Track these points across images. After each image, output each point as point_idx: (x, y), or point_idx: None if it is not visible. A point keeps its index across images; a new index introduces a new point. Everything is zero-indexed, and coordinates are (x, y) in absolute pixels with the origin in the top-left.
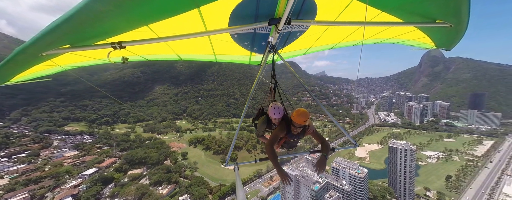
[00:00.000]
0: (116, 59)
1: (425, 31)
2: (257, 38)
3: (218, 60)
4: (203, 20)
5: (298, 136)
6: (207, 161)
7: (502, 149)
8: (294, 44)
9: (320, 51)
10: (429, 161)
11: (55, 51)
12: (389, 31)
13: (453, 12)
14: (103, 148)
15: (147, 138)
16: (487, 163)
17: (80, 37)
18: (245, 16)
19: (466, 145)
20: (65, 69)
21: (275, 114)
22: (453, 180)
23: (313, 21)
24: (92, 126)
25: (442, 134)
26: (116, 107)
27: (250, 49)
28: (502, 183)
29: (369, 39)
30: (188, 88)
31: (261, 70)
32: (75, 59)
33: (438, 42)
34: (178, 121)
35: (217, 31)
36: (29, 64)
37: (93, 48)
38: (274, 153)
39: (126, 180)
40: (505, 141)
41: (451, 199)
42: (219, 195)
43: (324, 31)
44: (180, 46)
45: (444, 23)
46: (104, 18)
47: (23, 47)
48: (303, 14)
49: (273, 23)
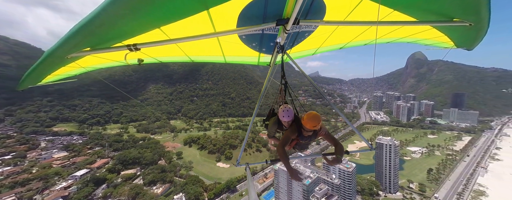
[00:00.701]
0: (133, 61)
1: (442, 30)
2: (265, 39)
3: (227, 62)
4: (212, 22)
5: (310, 138)
6: (202, 160)
7: (478, 144)
8: (303, 44)
9: (329, 51)
10: (414, 156)
11: (78, 54)
12: (402, 30)
13: (472, 10)
14: (94, 149)
15: (141, 138)
16: (464, 157)
17: (99, 39)
18: (253, 17)
19: (447, 141)
20: (88, 70)
21: (284, 117)
22: (433, 173)
23: (321, 21)
24: (82, 126)
25: (427, 131)
26: (108, 106)
27: (259, 50)
28: (476, 175)
29: (381, 39)
30: (182, 88)
31: (270, 71)
32: (96, 61)
33: (458, 41)
34: (173, 121)
35: (226, 32)
36: (57, 66)
37: (111, 50)
38: (286, 154)
39: (119, 180)
40: (481, 137)
41: (431, 190)
42: (214, 193)
43: (333, 31)
44: (190, 48)
45: (463, 22)
46: (119, 21)
47: (52, 50)
48: (312, 14)
49: (281, 23)
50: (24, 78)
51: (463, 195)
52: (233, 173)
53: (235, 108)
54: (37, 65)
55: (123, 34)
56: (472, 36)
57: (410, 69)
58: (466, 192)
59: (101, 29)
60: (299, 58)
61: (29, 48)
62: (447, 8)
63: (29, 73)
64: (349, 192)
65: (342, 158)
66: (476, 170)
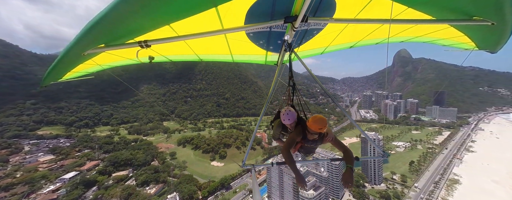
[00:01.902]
0: (144, 58)
1: (461, 29)
2: (272, 37)
3: (235, 60)
4: (220, 19)
5: (315, 143)
6: (196, 159)
7: (456, 138)
8: (311, 42)
9: (338, 50)
10: (398, 150)
11: (93, 51)
12: (417, 29)
13: (494, 8)
14: (83, 151)
15: (133, 139)
16: (442, 150)
17: (111, 36)
18: (261, 14)
19: (429, 135)
20: (104, 68)
21: (285, 120)
22: (415, 165)
23: (331, 19)
24: (69, 129)
25: (411, 127)
26: (97, 108)
27: (266, 48)
28: (452, 165)
29: (394, 37)
30: (176, 88)
31: (278, 70)
32: (111, 58)
33: (479, 42)
34: (166, 122)
35: (233, 29)
36: (75, 63)
37: (124, 47)
38: (291, 157)
39: (111, 182)
40: (459, 131)
41: (412, 180)
42: (209, 191)
43: (343, 29)
44: (199, 46)
45: (484, 21)
46: (131, 17)
47: (69, 47)
48: (321, 11)
49: (289, 21)
50: (46, 75)
51: (439, 183)
52: (228, 171)
53: (229, 108)
54: (57, 62)
55: (134, 31)
56: (495, 37)
57: (397, 67)
58: (442, 181)
59: (114, 26)
60: (306, 58)
61: (4, 45)
62: (466, 5)
63: (50, 70)
64: (337, 185)
65: (353, 167)
66: (452, 161)
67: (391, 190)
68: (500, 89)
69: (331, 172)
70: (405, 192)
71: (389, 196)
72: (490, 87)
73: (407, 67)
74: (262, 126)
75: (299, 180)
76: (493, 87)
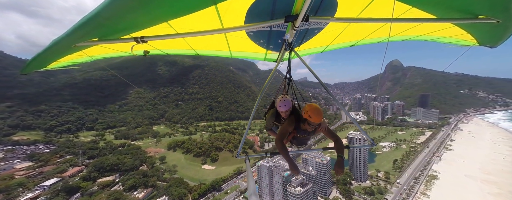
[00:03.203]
0: (138, 52)
1: (465, 28)
2: (273, 36)
3: (233, 57)
4: (220, 18)
5: (309, 133)
6: (187, 163)
7: (437, 138)
8: (312, 41)
9: (339, 48)
10: (384, 150)
11: (85, 43)
12: (420, 28)
13: (501, 6)
14: (65, 157)
15: (120, 144)
16: (424, 149)
17: (107, 31)
18: (262, 13)
19: (412, 135)
20: (93, 59)
21: (281, 107)
22: (398, 163)
23: (332, 18)
24: (49, 134)
25: (397, 128)
26: (81, 112)
27: (266, 47)
28: (432, 162)
29: (396, 36)
30: (167, 92)
31: (276, 67)
32: (102, 50)
33: (482, 39)
34: (155, 127)
35: (233, 29)
36: (63, 54)
37: (119, 42)
38: (284, 147)
39: (96, 188)
40: (440, 131)
41: (394, 177)
42: (199, 193)
43: (345, 28)
44: (197, 42)
45: (489, 19)
46: (128, 14)
47: (59, 38)
48: (322, 10)
49: (290, 20)
50: (29, 62)
51: (419, 179)
52: (219, 174)
53: (222, 111)
54: (43, 52)
55: (131, 27)
56: (499, 34)
57: (388, 73)
58: (422, 177)
59: (110, 21)
60: (306, 55)
61: None
62: (472, 5)
63: (35, 58)
64: (324, 183)
65: (343, 156)
66: (432, 159)
67: (375, 186)
68: (478, 92)
69: (319, 171)
70: (388, 188)
71: (373, 191)
72: (470, 90)
73: (397, 73)
74: (255, 129)
75: (292, 168)
76: (472, 90)
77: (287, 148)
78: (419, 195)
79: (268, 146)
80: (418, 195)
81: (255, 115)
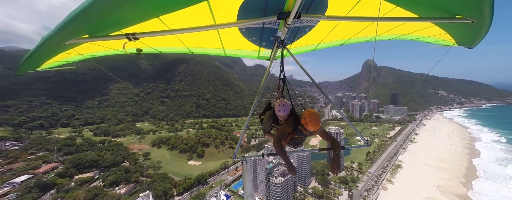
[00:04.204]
0: (131, 50)
1: (444, 28)
2: (265, 33)
3: (227, 55)
4: (212, 13)
5: (305, 134)
6: (172, 159)
7: (404, 132)
8: (303, 39)
9: (330, 46)
10: (359, 144)
11: (76, 41)
12: (404, 27)
13: (475, 6)
14: (37, 154)
15: (100, 141)
16: (393, 142)
17: (96, 27)
18: (254, 10)
19: (384, 130)
20: (86, 57)
21: (280, 111)
22: (370, 155)
23: (323, 16)
24: (18, 131)
25: (372, 124)
26: (55, 108)
27: (259, 44)
28: (398, 154)
29: (383, 35)
30: (151, 88)
31: (270, 65)
32: (95, 48)
33: (459, 39)
34: (139, 123)
35: (226, 25)
36: (55, 52)
37: (110, 39)
38: (283, 148)
39: (73, 184)
40: (407, 126)
41: (366, 167)
42: (184, 187)
43: (335, 27)
44: (190, 39)
45: (465, 19)
46: (117, 8)
47: (49, 35)
48: (313, 8)
49: (282, 17)
50: (22, 63)
51: (386, 168)
52: (205, 169)
53: (210, 109)
54: (34, 51)
55: (121, 22)
56: (474, 34)
57: (364, 73)
58: (389, 167)
59: (99, 16)
60: (299, 54)
61: None
62: (450, 5)
63: (27, 58)
64: (305, 174)
65: (340, 154)
66: (399, 151)
67: (349, 176)
68: (440, 91)
69: (300, 163)
70: (359, 177)
71: (347, 180)
72: (433, 89)
73: (373, 73)
74: (242, 126)
75: (290, 169)
76: (435, 89)
77: (285, 150)
78: (385, 182)
79: (254, 142)
80: (384, 182)
81: (243, 113)
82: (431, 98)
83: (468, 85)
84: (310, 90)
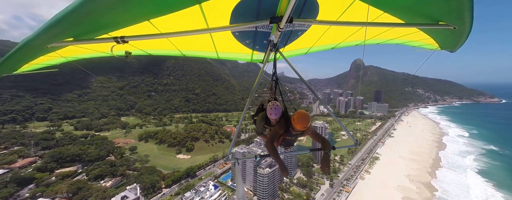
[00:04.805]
0: (119, 52)
1: (428, 33)
2: (258, 37)
3: (220, 58)
4: (204, 17)
5: (297, 135)
6: (160, 153)
7: (384, 127)
8: (296, 43)
9: (322, 50)
10: (343, 138)
11: (59, 44)
12: (391, 32)
13: (456, 13)
14: (11, 148)
15: (82, 135)
16: (373, 136)
17: (83, 30)
18: (247, 14)
19: (366, 125)
20: (69, 60)
21: (272, 114)
22: (352, 148)
23: (314, 21)
24: None
25: (356, 119)
26: (28, 101)
27: (252, 48)
28: (377, 147)
29: (372, 40)
30: (137, 82)
31: (263, 68)
32: (79, 51)
33: (442, 43)
34: (124, 118)
35: (219, 29)
36: (35, 55)
37: (97, 42)
38: (275, 149)
39: (54, 179)
40: (387, 122)
41: (347, 159)
42: (173, 180)
43: (326, 31)
44: (182, 42)
45: (448, 25)
46: (106, 11)
47: (29, 38)
48: (305, 13)
49: (275, 21)
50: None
51: (365, 160)
52: (194, 162)
53: (200, 104)
54: (13, 54)
55: (109, 25)
56: (455, 39)
57: (352, 71)
58: (367, 158)
59: (86, 19)
60: (291, 57)
61: None
62: (433, 11)
63: (4, 61)
64: (290, 165)
65: (329, 154)
66: (378, 144)
67: (332, 167)
68: (418, 90)
69: (286, 156)
70: (341, 168)
71: (330, 173)
72: (413, 88)
73: (360, 71)
74: (233, 121)
75: (282, 170)
76: (414, 88)
77: (278, 151)
78: (364, 172)
79: (244, 136)
80: (363, 172)
81: (233, 108)
82: (410, 96)
83: (443, 84)
84: (300, 86)
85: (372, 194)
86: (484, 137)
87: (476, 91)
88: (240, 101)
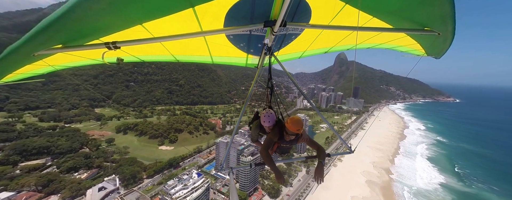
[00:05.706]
0: (111, 59)
1: (414, 38)
2: (253, 40)
3: (214, 62)
4: (198, 20)
5: (291, 142)
6: (141, 145)
7: (358, 121)
8: (289, 47)
9: (315, 54)
10: (322, 130)
11: (47, 51)
12: (381, 37)
13: (440, 19)
14: None
15: (49, 127)
16: (348, 129)
17: (72, 36)
18: (240, 17)
19: (343, 119)
20: (57, 69)
21: (265, 122)
22: (329, 139)
23: (307, 25)
24: None
25: (335, 113)
26: None
27: (247, 51)
28: (350, 138)
29: (362, 44)
30: (114, 70)
31: (258, 72)
32: (68, 59)
33: (428, 49)
34: (99, 109)
35: (213, 32)
36: (21, 64)
37: (87, 48)
38: (270, 157)
39: (18, 172)
40: (361, 116)
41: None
42: (155, 170)
43: (319, 35)
44: (176, 47)
45: (432, 31)
46: (96, 16)
47: (15, 46)
48: (298, 16)
49: (269, 25)
50: None
51: (339, 150)
52: (178, 153)
53: (183, 96)
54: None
55: (100, 30)
56: (440, 45)
57: (336, 66)
58: (340, 148)
59: (75, 25)
60: (285, 61)
61: None
62: (419, 17)
63: None
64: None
65: (324, 162)
66: (351, 136)
67: (309, 155)
68: (391, 87)
69: None
70: None
71: (307, 160)
72: (386, 85)
73: (343, 67)
74: (218, 113)
75: (278, 178)
76: (388, 85)
77: (272, 159)
78: (336, 160)
79: (229, 128)
80: (336, 161)
81: (219, 101)
82: (384, 93)
83: (412, 83)
84: (287, 80)
85: (342, 178)
86: (436, 130)
87: (437, 91)
88: (226, 94)
